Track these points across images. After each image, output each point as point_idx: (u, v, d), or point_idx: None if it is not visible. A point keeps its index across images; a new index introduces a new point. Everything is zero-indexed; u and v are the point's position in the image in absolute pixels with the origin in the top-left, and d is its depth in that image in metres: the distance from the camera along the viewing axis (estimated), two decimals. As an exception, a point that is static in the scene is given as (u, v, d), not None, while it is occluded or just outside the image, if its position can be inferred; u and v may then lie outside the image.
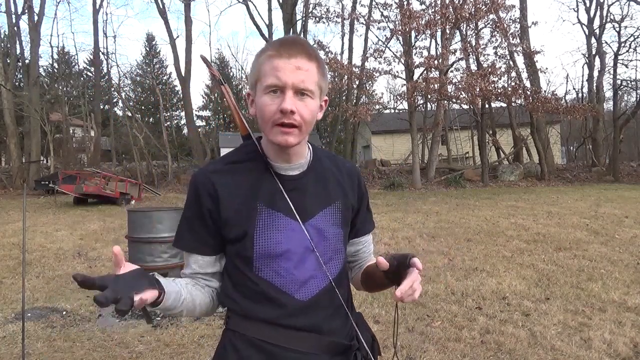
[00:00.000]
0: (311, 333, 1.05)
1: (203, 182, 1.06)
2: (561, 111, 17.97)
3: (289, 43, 1.00)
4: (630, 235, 7.13)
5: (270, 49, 1.01)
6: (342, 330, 1.11)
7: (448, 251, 6.44)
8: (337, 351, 1.08)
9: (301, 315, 1.04)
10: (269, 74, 0.98)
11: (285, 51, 0.98)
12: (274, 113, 0.98)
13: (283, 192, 1.05)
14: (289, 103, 0.97)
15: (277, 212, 1.04)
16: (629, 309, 4.00)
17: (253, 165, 1.08)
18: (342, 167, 1.17)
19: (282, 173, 1.07)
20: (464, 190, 16.68)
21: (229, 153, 1.14)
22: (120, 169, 24.33)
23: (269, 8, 24.79)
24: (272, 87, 0.98)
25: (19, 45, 24.34)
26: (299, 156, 1.08)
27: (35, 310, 4.29)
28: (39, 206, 14.29)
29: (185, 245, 1.10)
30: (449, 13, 16.41)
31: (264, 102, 0.99)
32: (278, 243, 1.03)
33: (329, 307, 1.08)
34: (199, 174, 1.09)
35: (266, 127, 1.01)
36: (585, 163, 24.36)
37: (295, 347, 1.04)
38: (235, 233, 1.04)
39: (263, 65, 1.00)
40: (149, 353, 3.36)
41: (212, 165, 1.11)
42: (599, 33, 22.91)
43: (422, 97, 18.72)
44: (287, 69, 0.97)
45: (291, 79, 0.97)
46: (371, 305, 4.24)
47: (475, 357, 3.18)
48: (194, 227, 1.08)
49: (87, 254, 6.82)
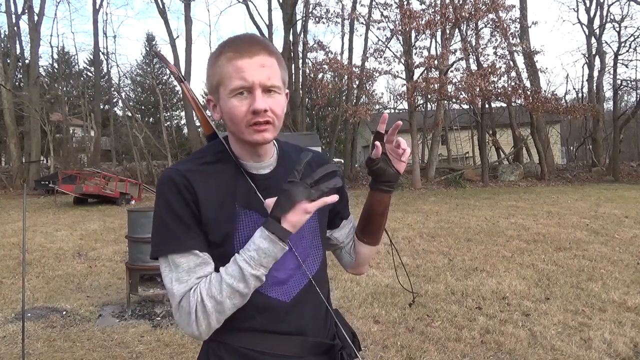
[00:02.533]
0: (296, 336, 1.04)
1: (179, 179, 0.98)
2: (561, 111, 17.97)
3: (247, 42, 0.97)
4: (630, 235, 7.13)
5: (227, 50, 0.97)
6: (324, 329, 1.10)
7: (448, 251, 6.45)
8: (321, 351, 1.08)
9: (286, 317, 1.03)
10: (234, 77, 0.95)
11: (246, 50, 0.95)
12: (245, 115, 0.96)
13: (256, 191, 1.03)
14: (261, 103, 0.94)
15: (254, 212, 1.02)
16: (629, 309, 4.00)
17: (224, 166, 1.04)
18: (312, 161, 1.14)
19: (254, 172, 1.05)
20: (464, 190, 16.68)
21: (198, 153, 1.08)
22: (120, 169, 24.35)
23: (269, 8, 24.80)
24: (239, 89, 0.95)
25: (19, 45, 24.39)
26: (269, 154, 1.07)
27: (35, 310, 4.29)
28: (39, 206, 14.30)
29: (191, 245, 0.96)
30: (449, 13, 16.40)
31: (233, 105, 0.96)
32: None
33: (310, 306, 1.07)
34: (173, 172, 1.00)
35: (238, 130, 0.98)
36: (585, 163, 24.37)
37: (281, 352, 1.02)
38: (215, 237, 0.99)
39: (223, 68, 0.96)
40: (149, 353, 3.36)
41: (184, 164, 1.04)
42: (599, 33, 22.92)
43: (422, 97, 18.71)
44: (252, 68, 0.94)
45: (258, 78, 0.94)
46: (371, 305, 4.24)
47: (475, 357, 3.18)
48: (187, 223, 0.97)
49: (87, 254, 6.82)
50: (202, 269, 0.96)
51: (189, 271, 0.95)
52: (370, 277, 5.15)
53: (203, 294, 0.93)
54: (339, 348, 1.09)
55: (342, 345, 1.10)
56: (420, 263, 5.78)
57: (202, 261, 0.96)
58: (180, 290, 0.94)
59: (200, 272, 0.96)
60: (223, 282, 0.92)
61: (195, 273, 0.95)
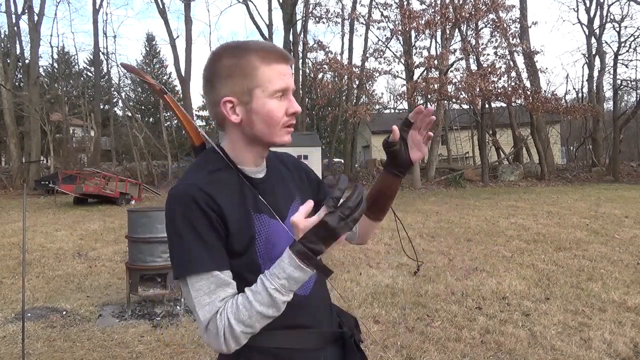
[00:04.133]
0: (314, 329, 1.08)
1: (200, 195, 0.96)
2: (561, 111, 17.97)
3: (278, 49, 1.04)
4: (630, 235, 7.13)
5: (263, 52, 1.00)
6: (332, 319, 1.15)
7: (448, 251, 6.45)
8: (334, 340, 1.12)
9: (306, 311, 1.06)
10: (277, 78, 1.00)
11: (283, 56, 1.02)
12: (282, 116, 1.02)
13: (259, 197, 1.05)
14: (298, 106, 1.03)
15: (265, 215, 1.05)
16: (629, 309, 4.00)
17: (227, 173, 1.05)
18: (288, 162, 1.22)
19: (252, 177, 1.08)
20: (464, 190, 16.68)
21: (200, 164, 1.06)
22: (120, 169, 24.36)
23: (269, 8, 24.82)
24: (281, 91, 1.01)
25: (19, 45, 24.37)
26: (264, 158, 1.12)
27: (35, 310, 4.29)
28: (39, 206, 14.30)
29: (212, 265, 0.94)
30: (448, 13, 16.41)
31: (274, 106, 1.01)
32: (274, 245, 1.04)
33: (321, 298, 1.12)
34: (190, 187, 0.98)
35: (272, 131, 1.03)
36: (585, 163, 24.38)
37: (307, 346, 1.07)
38: (241, 244, 1.00)
39: (261, 70, 0.99)
40: (149, 353, 3.36)
41: (196, 176, 1.02)
42: (599, 33, 22.93)
43: (422, 97, 18.70)
44: (289, 74, 1.02)
45: (292, 83, 1.03)
46: (371, 305, 4.24)
47: (475, 357, 3.18)
48: (209, 241, 0.95)
49: (87, 254, 6.82)
50: (223, 290, 0.95)
51: (209, 294, 0.94)
52: (370, 277, 5.15)
53: (230, 318, 0.91)
54: (349, 335, 1.13)
55: (352, 333, 1.15)
56: (421, 263, 5.78)
57: (222, 282, 0.95)
58: (206, 315, 0.93)
59: (222, 293, 0.94)
60: (253, 309, 0.91)
61: (217, 295, 0.94)
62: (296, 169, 1.22)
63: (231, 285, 0.96)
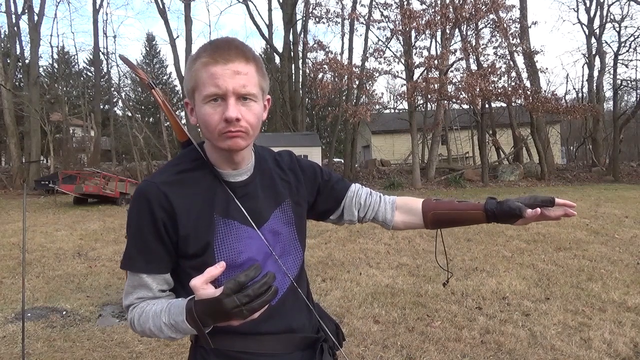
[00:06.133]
0: (284, 334, 1.07)
1: (155, 194, 0.97)
2: (561, 111, 17.97)
3: (224, 47, 0.95)
4: (630, 235, 7.13)
5: (203, 54, 0.95)
6: (309, 325, 1.13)
7: (448, 251, 6.44)
8: (307, 345, 1.11)
9: (272, 319, 1.04)
10: (207, 83, 0.93)
11: (221, 56, 0.93)
12: (217, 123, 0.94)
13: (235, 200, 1.02)
14: (233, 111, 0.92)
15: (233, 221, 1.02)
16: (629, 309, 4.00)
17: (201, 174, 1.03)
18: (283, 164, 1.16)
19: (231, 180, 1.04)
20: (464, 190, 16.68)
21: (174, 161, 1.06)
22: (120, 169, 24.37)
23: (269, 8, 24.86)
24: (213, 96, 0.93)
25: (19, 45, 24.35)
26: (246, 160, 1.06)
27: (35, 310, 4.29)
28: (39, 206, 14.30)
29: (141, 267, 0.99)
30: (449, 13, 16.42)
31: (206, 112, 0.95)
32: (239, 253, 1.01)
33: (294, 305, 1.10)
34: (147, 185, 0.99)
35: (212, 137, 0.97)
36: (585, 163, 24.39)
37: (271, 350, 1.05)
38: (195, 248, 0.99)
39: (199, 73, 0.95)
40: (149, 353, 3.36)
41: (160, 175, 1.02)
42: (599, 33, 22.92)
43: (422, 97, 18.73)
44: (226, 75, 0.92)
45: (231, 85, 0.92)
46: (371, 305, 4.24)
47: (475, 357, 3.18)
48: (148, 244, 0.98)
49: (87, 254, 6.82)
50: (142, 291, 1.00)
51: (133, 289, 1.01)
52: (370, 277, 5.16)
53: (135, 318, 0.99)
54: (321, 340, 1.12)
55: (325, 338, 1.14)
56: (420, 263, 5.78)
57: (144, 284, 1.00)
58: (125, 302, 1.03)
59: (141, 293, 1.01)
60: (147, 325, 0.96)
61: (136, 293, 1.01)
62: (291, 170, 1.17)
63: (152, 290, 1.00)
